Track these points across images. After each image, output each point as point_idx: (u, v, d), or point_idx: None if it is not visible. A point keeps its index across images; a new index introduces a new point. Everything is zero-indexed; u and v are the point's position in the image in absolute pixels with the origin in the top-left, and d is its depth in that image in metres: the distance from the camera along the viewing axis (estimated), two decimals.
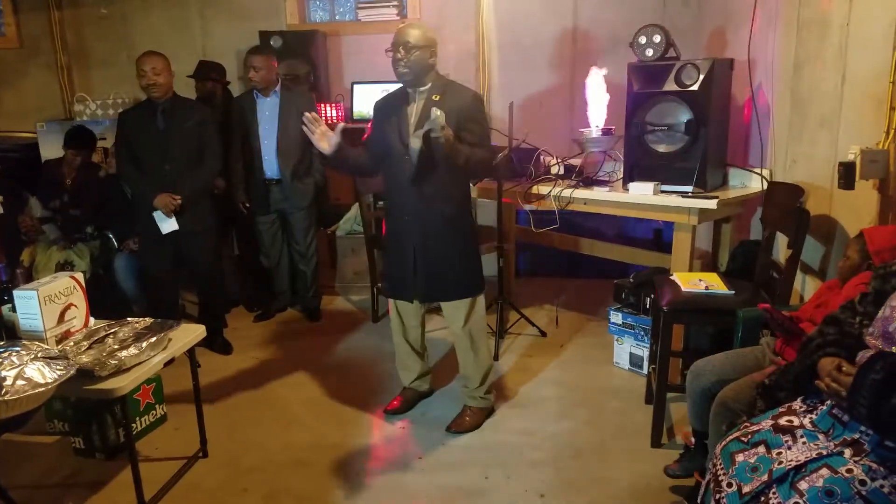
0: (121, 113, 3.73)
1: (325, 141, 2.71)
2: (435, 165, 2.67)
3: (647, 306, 3.36)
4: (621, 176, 3.49)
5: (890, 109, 2.23)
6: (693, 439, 2.45)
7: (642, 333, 3.40)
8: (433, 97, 2.71)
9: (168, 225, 3.52)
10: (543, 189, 3.57)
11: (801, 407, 1.76)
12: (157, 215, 3.50)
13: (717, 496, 1.69)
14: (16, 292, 2.36)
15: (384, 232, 3.27)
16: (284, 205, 4.13)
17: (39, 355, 2.13)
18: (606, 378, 3.44)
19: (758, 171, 3.34)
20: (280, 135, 4.00)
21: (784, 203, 2.86)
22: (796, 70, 3.00)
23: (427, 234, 2.84)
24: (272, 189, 4.09)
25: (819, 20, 2.78)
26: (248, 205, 4.13)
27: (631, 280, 3.46)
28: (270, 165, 4.04)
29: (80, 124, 4.17)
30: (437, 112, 2.50)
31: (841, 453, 1.57)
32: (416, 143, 2.60)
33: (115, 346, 2.36)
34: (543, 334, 3.96)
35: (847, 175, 2.32)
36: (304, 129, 2.72)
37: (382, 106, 2.92)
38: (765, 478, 1.59)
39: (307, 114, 2.71)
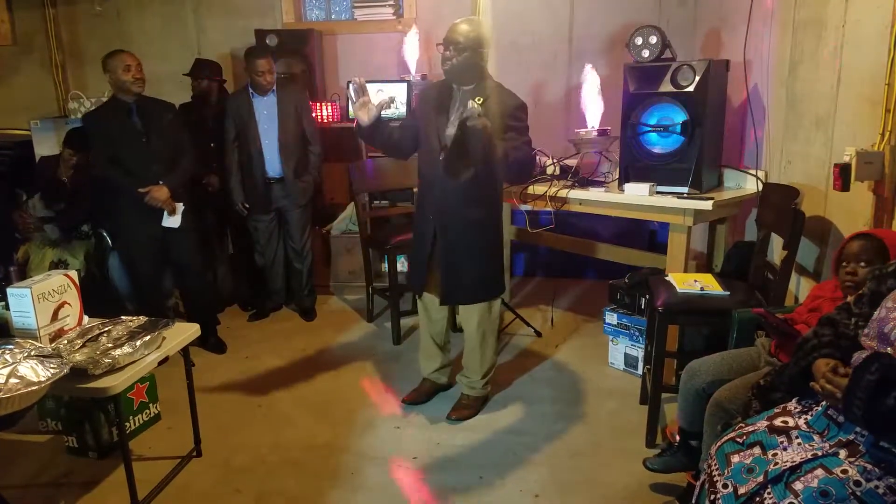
0: (88, 114, 3.58)
1: (365, 112, 2.70)
2: (470, 155, 2.59)
3: (643, 307, 3.37)
4: (617, 177, 3.49)
5: (885, 111, 2.23)
6: (678, 437, 2.46)
7: (637, 334, 3.40)
8: (476, 99, 2.65)
9: (172, 221, 3.53)
10: (539, 189, 3.57)
11: (796, 408, 1.76)
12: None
13: (712, 497, 1.68)
14: (9, 290, 2.34)
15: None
16: (284, 202, 4.12)
17: (32, 353, 2.13)
18: (601, 378, 3.44)
19: (753, 172, 3.34)
20: (281, 133, 3.99)
21: (779, 204, 2.86)
22: (792, 71, 3.01)
23: (447, 235, 2.84)
24: (273, 187, 4.08)
25: (815, 21, 2.78)
26: (247, 205, 4.11)
27: (626, 281, 3.46)
28: (273, 164, 4.03)
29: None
30: (473, 102, 2.48)
31: (836, 454, 1.57)
32: (451, 130, 2.57)
33: (109, 345, 2.35)
34: (539, 335, 3.96)
35: (842, 176, 2.32)
36: (349, 93, 2.66)
37: (426, 98, 2.90)
38: (760, 479, 1.59)
39: (356, 78, 2.68)
